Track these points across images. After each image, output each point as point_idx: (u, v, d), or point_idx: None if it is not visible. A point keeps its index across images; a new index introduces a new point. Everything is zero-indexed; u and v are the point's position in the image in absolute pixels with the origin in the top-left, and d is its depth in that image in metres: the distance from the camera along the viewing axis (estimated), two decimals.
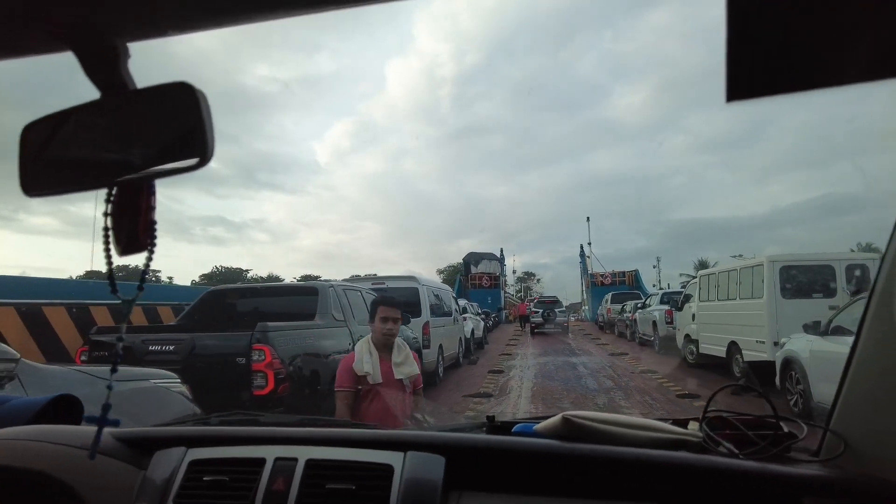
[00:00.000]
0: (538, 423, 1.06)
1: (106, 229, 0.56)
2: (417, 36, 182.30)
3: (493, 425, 1.15)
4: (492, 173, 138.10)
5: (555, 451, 0.97)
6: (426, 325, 8.89)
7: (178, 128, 0.53)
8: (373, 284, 8.45)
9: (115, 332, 4.74)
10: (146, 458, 1.04)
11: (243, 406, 3.73)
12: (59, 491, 0.90)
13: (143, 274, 0.59)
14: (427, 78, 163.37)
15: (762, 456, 0.94)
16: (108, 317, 7.03)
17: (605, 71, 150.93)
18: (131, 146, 0.54)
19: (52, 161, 0.56)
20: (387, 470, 0.95)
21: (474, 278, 35.65)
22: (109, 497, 0.96)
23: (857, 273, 7.72)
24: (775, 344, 7.26)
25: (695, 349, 10.41)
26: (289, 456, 0.99)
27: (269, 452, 1.00)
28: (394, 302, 2.70)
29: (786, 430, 1.01)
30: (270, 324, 3.96)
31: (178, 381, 2.88)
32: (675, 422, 1.10)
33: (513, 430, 1.09)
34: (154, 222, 0.57)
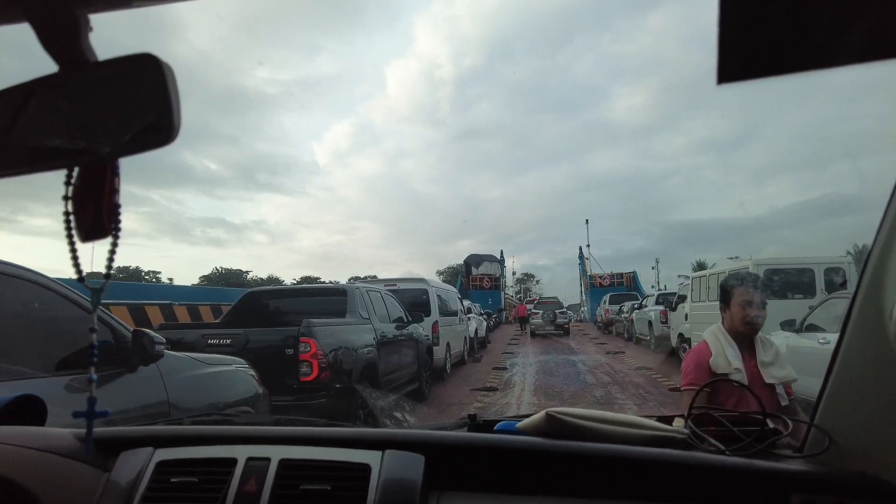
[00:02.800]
0: (521, 420, 1.05)
1: (67, 214, 0.52)
2: (417, 38, 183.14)
3: (475, 424, 1.14)
4: (490, 174, 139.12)
5: (537, 448, 0.96)
6: (435, 324, 9.44)
7: (142, 102, 0.50)
8: (385, 286, 9.00)
9: (173, 328, 5.39)
10: (111, 459, 1.01)
11: (292, 391, 4.36)
12: (17, 495, 0.85)
13: (108, 262, 0.55)
14: (426, 80, 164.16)
15: (748, 452, 0.93)
16: (159, 314, 7.71)
17: (604, 73, 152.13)
18: (92, 122, 0.51)
19: (5, 139, 0.52)
20: (364, 469, 0.92)
21: (475, 280, 36.20)
22: (72, 500, 0.92)
23: (834, 275, 8.35)
24: None
25: (688, 347, 11.00)
26: (261, 456, 0.96)
27: (241, 452, 0.97)
28: (757, 282, 2.18)
29: (771, 426, 1.01)
30: (314, 320, 4.57)
31: (248, 366, 3.49)
32: (661, 418, 1.09)
33: (495, 427, 1.08)
34: (118, 206, 0.54)
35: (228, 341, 4.46)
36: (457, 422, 1.25)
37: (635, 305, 18.04)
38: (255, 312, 6.01)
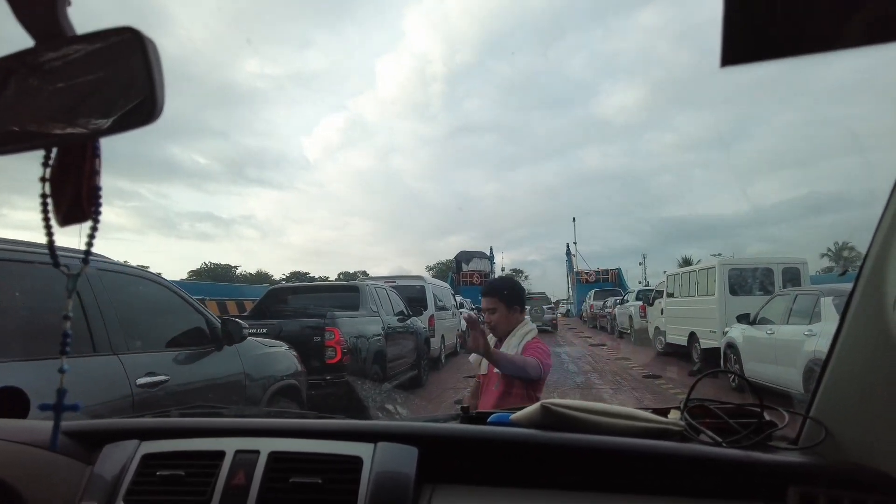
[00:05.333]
0: (515, 412, 1.04)
1: (44, 196, 0.50)
2: (408, 33, 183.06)
3: (469, 415, 1.13)
4: (481, 170, 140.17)
5: (533, 440, 0.95)
6: (431, 318, 10.29)
7: (123, 78, 0.48)
8: (385, 282, 9.79)
9: None
10: (95, 452, 0.99)
11: (319, 371, 5.17)
12: None
13: (87, 245, 0.52)
14: (417, 75, 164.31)
15: (744, 444, 0.93)
16: None
17: (595, 70, 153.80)
18: (71, 99, 0.48)
19: None
20: (355, 462, 0.91)
21: (465, 276, 37.02)
22: (53, 495, 0.90)
23: (790, 274, 9.33)
24: (724, 334, 8.80)
25: (663, 339, 11.97)
26: (250, 448, 0.94)
27: (230, 445, 0.95)
28: (489, 290, 2.31)
29: (767, 418, 1.00)
30: (337, 312, 5.41)
31: (290, 348, 4.31)
32: (656, 411, 1.08)
33: (489, 419, 1.08)
34: (99, 188, 0.52)
35: (265, 330, 5.24)
36: (450, 413, 1.25)
37: (618, 301, 19.03)
38: (278, 306, 6.82)
